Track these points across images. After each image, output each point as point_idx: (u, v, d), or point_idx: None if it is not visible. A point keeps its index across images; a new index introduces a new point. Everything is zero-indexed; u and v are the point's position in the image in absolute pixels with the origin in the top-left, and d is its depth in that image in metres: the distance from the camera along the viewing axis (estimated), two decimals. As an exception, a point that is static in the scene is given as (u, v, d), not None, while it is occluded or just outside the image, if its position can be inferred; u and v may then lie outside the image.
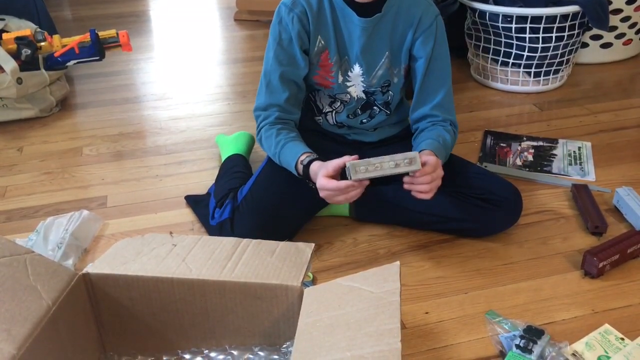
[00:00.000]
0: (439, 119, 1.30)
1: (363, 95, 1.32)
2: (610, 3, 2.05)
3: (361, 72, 1.29)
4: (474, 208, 1.29)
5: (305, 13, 1.23)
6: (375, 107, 1.35)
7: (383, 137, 1.41)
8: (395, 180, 1.38)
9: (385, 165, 1.11)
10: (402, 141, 1.39)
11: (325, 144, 1.39)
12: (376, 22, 1.24)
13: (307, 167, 1.19)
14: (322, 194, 1.15)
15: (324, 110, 1.38)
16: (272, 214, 1.27)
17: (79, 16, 3.28)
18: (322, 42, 1.26)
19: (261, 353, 0.94)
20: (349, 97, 1.33)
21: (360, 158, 1.31)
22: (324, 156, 1.38)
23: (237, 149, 1.63)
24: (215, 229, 1.30)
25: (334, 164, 1.13)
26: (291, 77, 1.27)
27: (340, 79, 1.30)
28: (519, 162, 1.64)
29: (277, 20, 1.26)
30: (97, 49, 1.86)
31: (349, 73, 1.29)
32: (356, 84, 1.31)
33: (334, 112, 1.37)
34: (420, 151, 1.20)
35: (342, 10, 1.23)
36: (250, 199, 1.29)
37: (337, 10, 1.24)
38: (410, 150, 1.35)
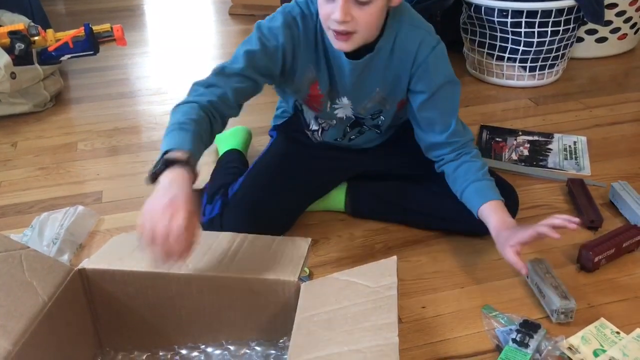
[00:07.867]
0: (459, 144, 1.24)
1: (352, 116, 1.29)
2: (606, -3, 2.05)
3: (350, 103, 1.26)
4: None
5: (299, 37, 1.15)
6: (365, 126, 1.33)
7: (382, 141, 1.40)
8: (390, 177, 1.39)
9: None
10: (401, 142, 1.37)
11: (328, 152, 1.38)
12: (367, 62, 1.17)
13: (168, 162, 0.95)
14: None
15: (310, 127, 1.36)
16: (258, 209, 1.24)
17: (72, 10, 3.26)
18: (313, 72, 1.20)
19: (258, 348, 0.94)
20: (335, 120, 1.30)
21: (360, 166, 1.30)
22: (326, 162, 1.35)
23: (234, 144, 1.62)
24: (206, 226, 1.27)
25: None
26: (252, 77, 1.14)
27: (329, 108, 1.27)
28: (514, 156, 1.64)
29: (280, 22, 1.14)
30: (92, 43, 1.85)
31: (337, 101, 1.26)
32: (344, 108, 1.28)
33: (320, 129, 1.35)
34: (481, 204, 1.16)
35: (333, 50, 1.15)
36: (240, 195, 1.28)
37: (328, 47, 1.17)
38: (407, 148, 1.34)
